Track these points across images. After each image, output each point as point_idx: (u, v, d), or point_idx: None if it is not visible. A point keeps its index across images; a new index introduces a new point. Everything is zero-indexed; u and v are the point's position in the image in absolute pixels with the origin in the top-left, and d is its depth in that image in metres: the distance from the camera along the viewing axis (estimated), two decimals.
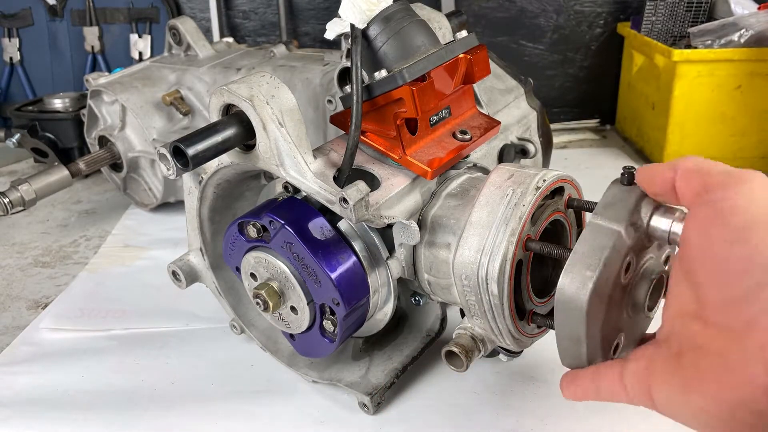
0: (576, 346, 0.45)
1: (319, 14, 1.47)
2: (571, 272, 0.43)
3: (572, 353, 0.46)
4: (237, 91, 0.52)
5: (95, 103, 1.06)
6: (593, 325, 0.44)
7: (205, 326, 0.77)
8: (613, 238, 0.43)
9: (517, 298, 0.52)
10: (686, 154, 1.15)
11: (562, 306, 0.44)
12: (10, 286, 0.90)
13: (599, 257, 0.42)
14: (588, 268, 0.43)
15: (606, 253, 0.42)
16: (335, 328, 0.56)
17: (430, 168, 0.55)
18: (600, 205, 0.45)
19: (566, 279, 0.43)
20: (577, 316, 0.43)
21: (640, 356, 0.43)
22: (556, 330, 0.46)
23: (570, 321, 0.44)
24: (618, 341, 0.48)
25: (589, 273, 0.42)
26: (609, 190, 0.46)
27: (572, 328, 0.44)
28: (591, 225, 0.44)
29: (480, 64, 0.59)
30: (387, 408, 0.62)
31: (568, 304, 0.43)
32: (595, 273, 0.42)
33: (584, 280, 0.42)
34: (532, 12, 1.41)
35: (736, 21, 1.10)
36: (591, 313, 0.43)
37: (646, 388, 0.41)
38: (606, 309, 0.44)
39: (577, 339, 0.44)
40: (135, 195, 1.12)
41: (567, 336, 0.45)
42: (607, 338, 0.46)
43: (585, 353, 0.45)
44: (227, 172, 0.59)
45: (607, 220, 0.43)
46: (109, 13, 1.51)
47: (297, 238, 0.53)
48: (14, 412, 0.64)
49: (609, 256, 0.42)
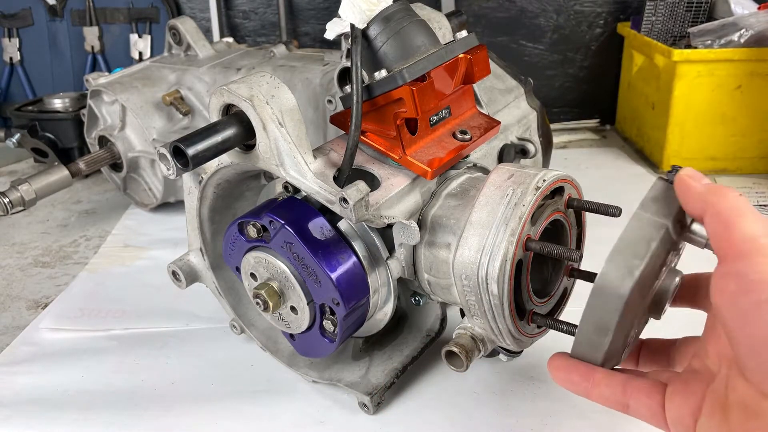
0: (600, 336, 0.43)
1: (319, 14, 1.47)
2: (617, 259, 0.42)
3: (593, 343, 0.44)
4: (237, 91, 0.52)
5: (95, 103, 1.06)
6: (627, 316, 0.42)
7: (205, 326, 0.77)
8: (662, 231, 0.42)
9: (517, 298, 0.52)
10: (686, 155, 1.16)
11: (601, 292, 0.42)
12: (10, 286, 0.90)
13: (647, 247, 0.41)
14: (636, 257, 0.41)
15: (654, 245, 0.41)
16: (335, 328, 0.56)
17: (430, 168, 0.55)
18: (647, 198, 0.43)
19: (611, 265, 0.42)
20: (615, 303, 0.42)
21: (686, 393, 0.42)
22: (584, 316, 0.44)
23: (605, 308, 0.42)
24: (630, 339, 0.47)
25: (637, 261, 0.41)
26: (655, 186, 0.45)
27: (605, 317, 0.42)
28: (639, 216, 0.43)
29: (480, 64, 0.59)
30: (387, 408, 0.62)
31: (608, 291, 0.42)
32: (643, 262, 0.41)
33: (631, 268, 0.41)
34: (532, 12, 1.41)
35: (736, 21, 1.10)
36: (630, 303, 0.42)
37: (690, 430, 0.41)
38: (642, 303, 0.43)
39: (605, 328, 0.43)
40: (135, 195, 1.12)
41: (595, 323, 0.43)
42: (624, 338, 0.45)
43: (607, 345, 0.44)
44: (227, 172, 0.59)
45: (654, 214, 0.42)
46: (109, 13, 1.51)
47: (297, 238, 0.53)
48: (14, 412, 0.64)
49: (657, 248, 0.41)
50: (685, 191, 0.42)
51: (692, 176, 0.42)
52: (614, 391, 0.45)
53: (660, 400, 0.43)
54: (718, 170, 1.17)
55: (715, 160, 1.16)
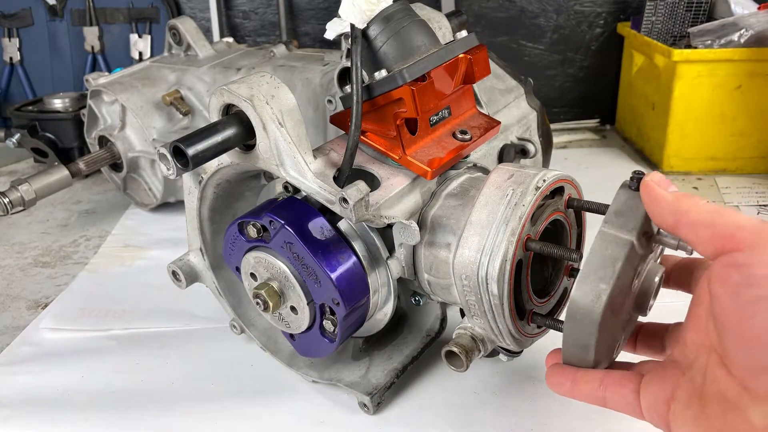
0: (583, 353, 0.45)
1: (319, 14, 1.47)
2: (585, 284, 0.42)
3: (579, 358, 0.46)
4: (237, 91, 0.52)
5: (95, 103, 1.06)
6: (603, 334, 0.44)
7: (205, 326, 0.77)
8: (626, 248, 0.42)
9: (517, 298, 0.52)
10: (686, 155, 1.16)
11: (575, 317, 0.43)
12: (10, 286, 0.90)
13: (613, 269, 0.42)
14: (602, 281, 0.42)
15: (619, 265, 0.42)
16: (335, 328, 0.56)
17: (430, 168, 0.55)
18: (610, 212, 0.44)
19: (579, 291, 0.43)
20: (589, 326, 0.43)
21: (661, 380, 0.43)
22: (564, 336, 0.45)
23: (581, 331, 0.44)
24: (619, 342, 0.48)
25: (603, 286, 0.42)
26: (618, 196, 0.45)
27: (582, 338, 0.44)
28: (603, 234, 0.43)
29: (480, 64, 0.59)
30: (387, 408, 0.62)
31: (580, 316, 0.43)
32: (609, 286, 0.42)
33: (599, 293, 0.42)
34: (532, 12, 1.41)
35: (736, 21, 1.10)
36: (603, 324, 0.43)
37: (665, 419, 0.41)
38: (615, 318, 0.44)
39: (585, 347, 0.44)
40: (135, 195, 1.12)
41: (575, 344, 0.45)
42: (611, 342, 0.46)
43: (592, 359, 0.45)
44: (227, 172, 0.59)
45: (618, 229, 0.43)
46: (109, 13, 1.51)
47: (297, 238, 0.53)
48: (14, 411, 0.64)
49: (622, 268, 0.42)
50: (653, 202, 0.41)
51: (659, 183, 0.41)
52: (593, 387, 0.46)
53: (635, 389, 0.44)
54: (718, 170, 1.17)
55: (715, 160, 1.16)
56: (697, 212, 0.39)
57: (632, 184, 0.44)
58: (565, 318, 0.45)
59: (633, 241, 0.42)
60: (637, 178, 0.44)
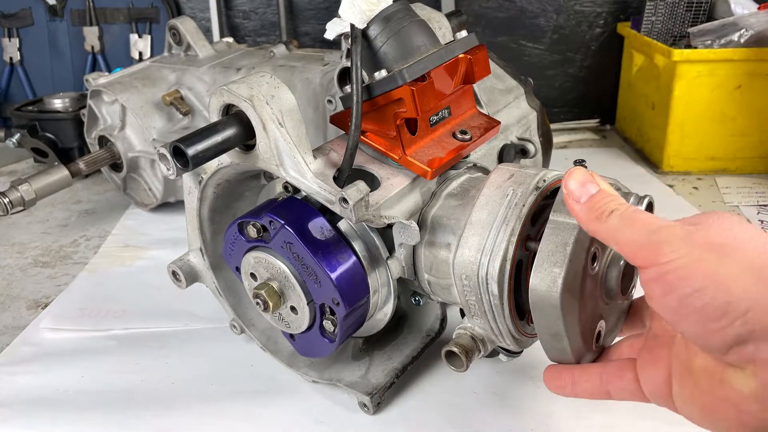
0: (558, 341, 0.46)
1: (319, 14, 1.47)
2: (540, 271, 0.45)
3: (556, 348, 0.47)
4: (237, 91, 0.52)
5: (95, 103, 1.06)
6: (570, 319, 0.45)
7: (204, 326, 0.77)
8: (574, 232, 0.44)
9: (517, 298, 0.52)
10: (686, 155, 1.16)
11: (537, 305, 0.45)
12: (10, 286, 0.90)
13: (564, 253, 0.44)
14: (555, 265, 0.44)
15: (569, 249, 0.44)
16: (335, 328, 0.56)
17: (430, 168, 0.55)
18: (557, 201, 0.46)
19: (536, 278, 0.45)
20: (552, 313, 0.45)
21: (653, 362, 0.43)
22: (536, 329, 0.47)
23: (547, 318, 0.45)
24: (599, 329, 0.49)
25: (557, 270, 0.44)
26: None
27: (551, 325, 0.46)
28: (552, 223, 0.46)
29: (480, 64, 0.59)
30: (387, 408, 0.62)
31: (541, 303, 0.45)
32: (562, 269, 0.44)
33: (553, 277, 0.44)
34: (532, 12, 1.41)
35: (736, 21, 1.10)
36: (565, 308, 0.44)
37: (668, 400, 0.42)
38: (580, 301, 0.45)
39: (557, 334, 0.46)
40: (135, 195, 1.12)
41: (547, 333, 0.46)
42: (587, 328, 0.47)
43: (568, 347, 0.46)
44: (227, 172, 0.59)
45: (566, 216, 0.45)
46: (109, 13, 1.51)
47: (297, 238, 0.53)
48: (14, 411, 0.64)
49: (573, 251, 0.44)
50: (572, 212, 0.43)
51: (571, 195, 0.42)
52: (593, 383, 0.46)
53: (633, 377, 0.44)
54: (718, 170, 1.17)
55: (715, 160, 1.16)
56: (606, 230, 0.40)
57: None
58: (531, 309, 0.46)
59: (580, 225, 0.44)
60: (580, 166, 0.46)
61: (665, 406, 0.43)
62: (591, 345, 0.48)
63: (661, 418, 0.48)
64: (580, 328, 0.46)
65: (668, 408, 0.43)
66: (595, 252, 0.46)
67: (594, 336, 0.48)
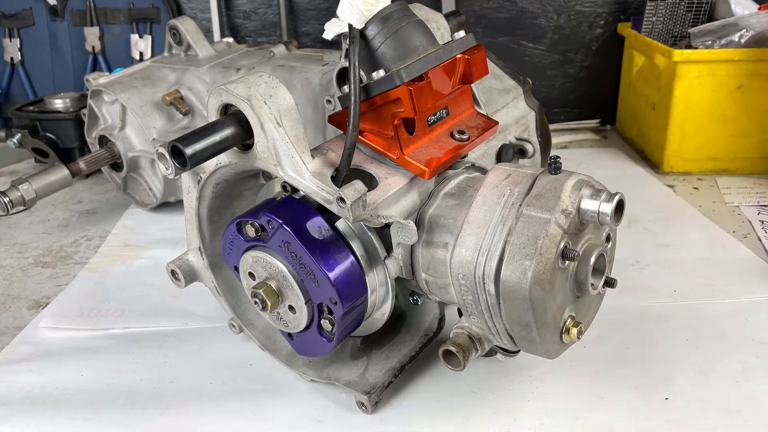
0: (527, 332, 0.48)
1: (319, 14, 1.47)
2: (511, 263, 0.46)
3: (526, 338, 0.49)
4: (235, 90, 0.52)
5: (95, 103, 1.07)
6: (539, 310, 0.46)
7: (203, 325, 0.77)
8: (546, 226, 0.46)
9: None
10: (686, 155, 1.16)
11: (507, 296, 0.47)
12: (11, 286, 0.90)
13: (534, 247, 0.46)
14: (526, 258, 0.46)
15: (540, 242, 0.46)
16: (333, 327, 0.56)
17: (428, 168, 0.55)
18: (531, 196, 0.48)
19: (507, 270, 0.46)
20: (522, 304, 0.46)
21: None
22: (506, 319, 0.49)
23: (517, 309, 0.47)
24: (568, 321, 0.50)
25: (528, 262, 0.45)
26: (537, 182, 0.49)
27: (521, 316, 0.47)
28: (524, 216, 0.47)
29: (478, 64, 0.59)
30: (385, 407, 0.62)
31: (512, 294, 0.46)
32: (532, 262, 0.45)
33: (524, 269, 0.45)
34: (533, 12, 1.41)
35: (737, 21, 1.10)
36: (535, 300, 0.46)
37: None
38: (550, 294, 0.47)
39: (527, 325, 0.48)
40: (135, 195, 1.13)
41: (518, 323, 0.48)
42: (556, 320, 0.49)
43: (537, 337, 0.48)
44: (225, 171, 0.59)
45: (537, 210, 0.47)
46: (109, 13, 1.52)
47: (295, 238, 0.53)
48: (13, 410, 0.64)
49: (543, 244, 0.46)
50: None
51: None
52: None
53: None
54: (718, 170, 1.17)
55: (716, 160, 1.16)
56: None
57: (551, 170, 0.49)
58: (501, 301, 0.48)
59: (551, 219, 0.46)
60: (554, 162, 0.48)
61: None
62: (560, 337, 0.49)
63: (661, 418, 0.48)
64: (550, 320, 0.47)
65: None
66: (566, 246, 0.47)
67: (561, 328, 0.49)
